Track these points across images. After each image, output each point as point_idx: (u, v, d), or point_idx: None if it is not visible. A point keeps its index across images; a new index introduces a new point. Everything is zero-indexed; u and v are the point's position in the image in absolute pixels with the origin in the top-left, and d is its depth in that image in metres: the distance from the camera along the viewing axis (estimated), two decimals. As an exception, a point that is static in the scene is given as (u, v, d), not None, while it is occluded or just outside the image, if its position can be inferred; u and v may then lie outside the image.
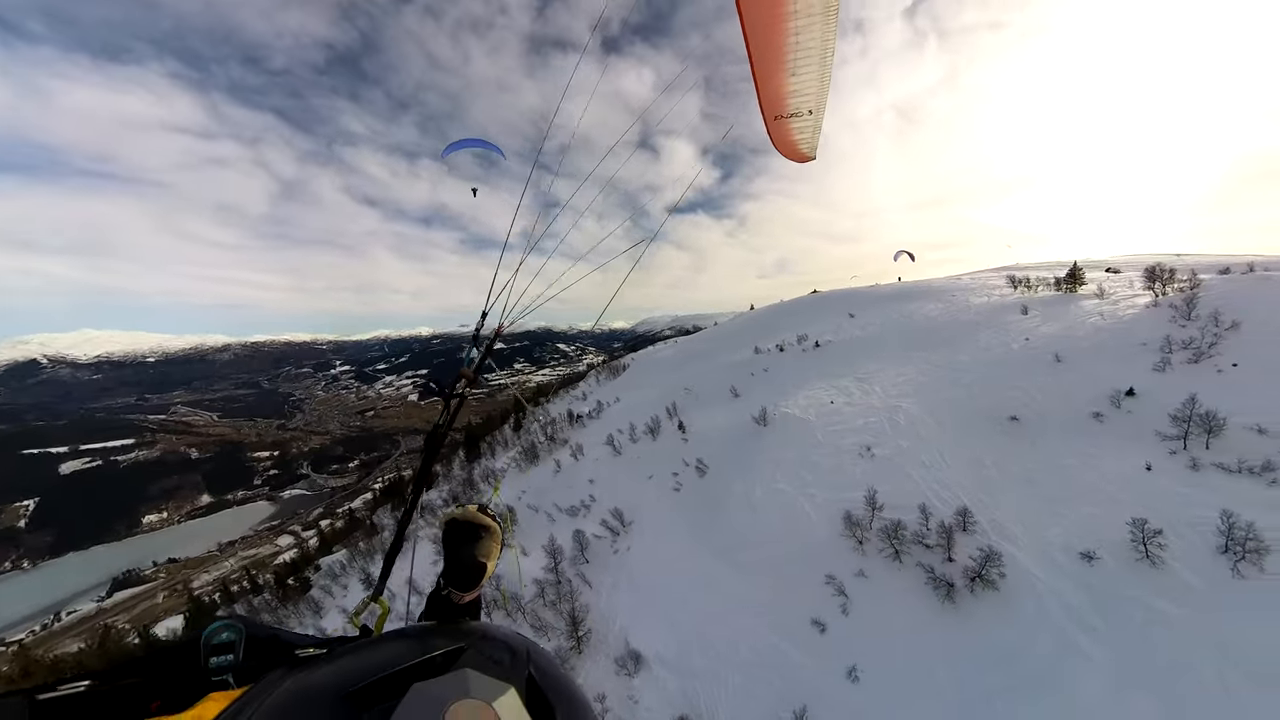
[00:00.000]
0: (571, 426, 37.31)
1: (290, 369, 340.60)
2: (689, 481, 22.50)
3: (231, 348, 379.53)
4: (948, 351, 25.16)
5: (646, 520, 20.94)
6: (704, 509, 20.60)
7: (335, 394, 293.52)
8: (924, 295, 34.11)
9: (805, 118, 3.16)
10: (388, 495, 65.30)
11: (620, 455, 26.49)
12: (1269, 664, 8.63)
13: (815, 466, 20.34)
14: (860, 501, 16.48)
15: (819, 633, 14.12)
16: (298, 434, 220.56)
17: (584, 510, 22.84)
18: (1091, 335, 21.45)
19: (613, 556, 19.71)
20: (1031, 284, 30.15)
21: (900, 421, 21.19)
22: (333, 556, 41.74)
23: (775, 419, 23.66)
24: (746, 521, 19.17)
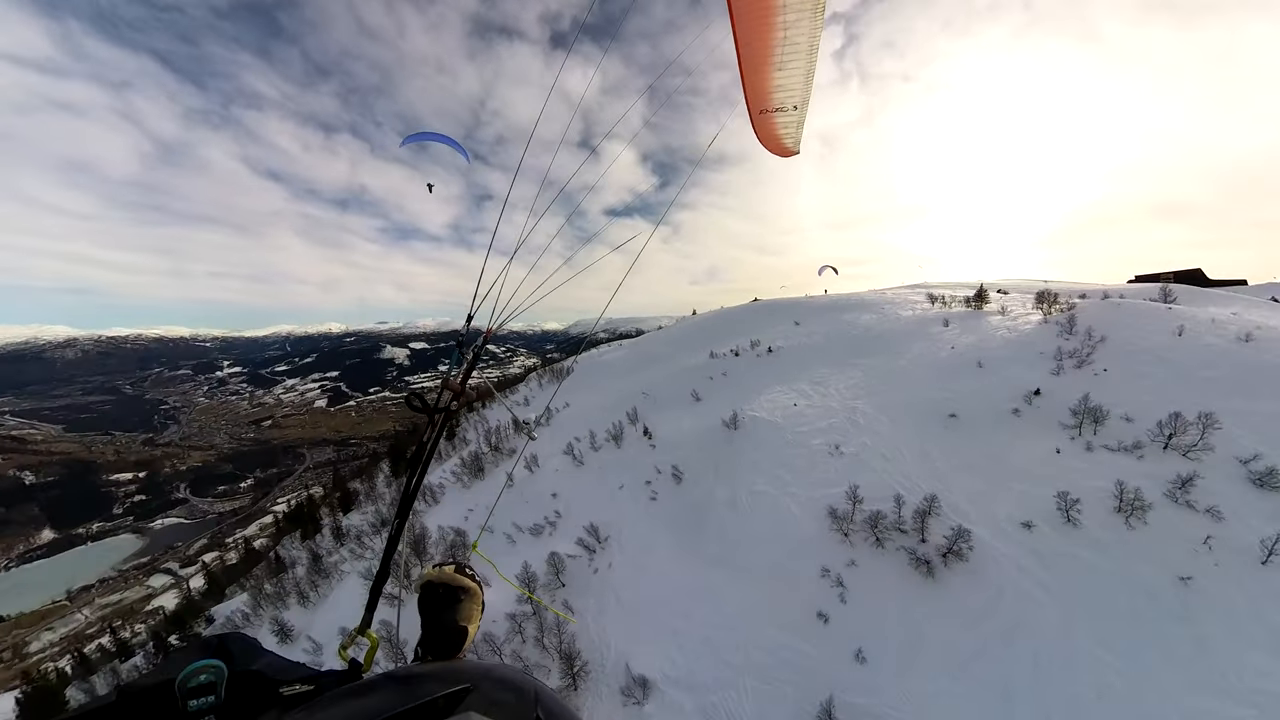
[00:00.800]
0: (518, 435, 34.73)
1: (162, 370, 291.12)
2: (665, 490, 21.58)
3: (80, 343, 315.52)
4: (887, 358, 27.63)
5: (625, 534, 19.71)
6: (687, 517, 19.88)
7: (222, 401, 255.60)
8: (858, 307, 36.77)
9: (790, 113, 3.16)
10: (294, 521, 56.29)
11: (583, 465, 24.86)
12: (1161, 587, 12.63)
13: (791, 466, 20.69)
14: (840, 496, 17.66)
15: (823, 623, 14.76)
16: (172, 450, 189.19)
17: (550, 528, 21.02)
18: (1002, 346, 24.96)
19: (593, 577, 18.33)
20: (947, 301, 33.96)
21: (859, 421, 22.61)
22: (229, 604, 34.94)
23: (745, 422, 23.54)
24: (734, 525, 18.83)
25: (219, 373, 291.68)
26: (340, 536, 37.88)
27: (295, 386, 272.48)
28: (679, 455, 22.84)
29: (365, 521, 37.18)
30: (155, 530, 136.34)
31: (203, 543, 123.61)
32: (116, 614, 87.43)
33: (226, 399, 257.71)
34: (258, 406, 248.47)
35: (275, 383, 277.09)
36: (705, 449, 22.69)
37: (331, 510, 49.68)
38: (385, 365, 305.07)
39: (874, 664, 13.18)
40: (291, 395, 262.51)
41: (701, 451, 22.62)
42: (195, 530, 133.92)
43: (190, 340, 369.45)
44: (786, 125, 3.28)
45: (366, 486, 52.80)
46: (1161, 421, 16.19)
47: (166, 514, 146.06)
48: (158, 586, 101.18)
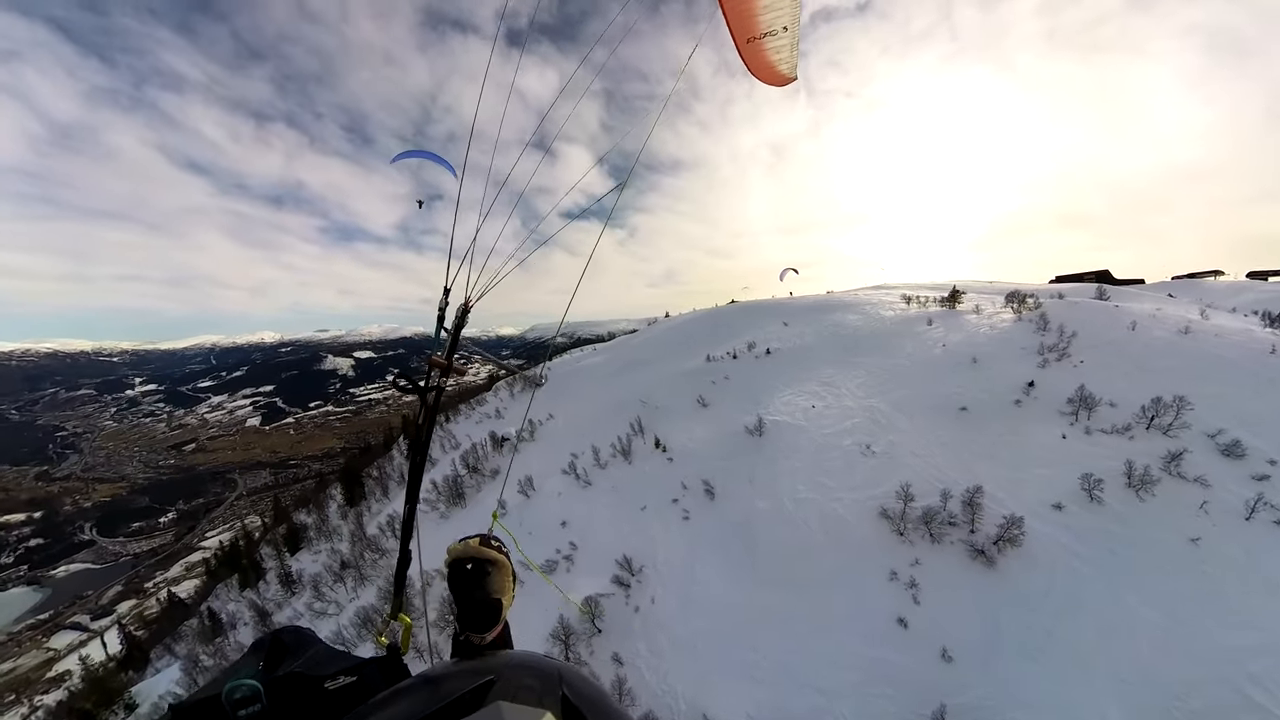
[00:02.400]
0: (499, 452, 31.53)
1: (57, 391, 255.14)
2: (698, 507, 19.69)
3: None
4: (882, 356, 27.71)
5: (661, 562, 17.74)
6: (729, 535, 18.26)
7: (134, 423, 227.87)
8: (841, 308, 36.94)
9: (781, 35, 2.93)
10: (229, 565, 48.02)
11: (590, 486, 22.37)
12: (1178, 549, 14.31)
13: (829, 470, 19.70)
14: (886, 496, 17.40)
15: (903, 628, 14.44)
16: (72, 484, 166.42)
17: (567, 563, 18.42)
18: (988, 342, 25.93)
19: (635, 617, 16.29)
20: (924, 301, 34.81)
21: (879, 420, 22.60)
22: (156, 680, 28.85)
23: (770, 428, 22.26)
24: (784, 538, 17.39)
25: (130, 391, 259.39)
26: (290, 584, 32.94)
27: (223, 404, 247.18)
28: (703, 467, 21.07)
29: (321, 564, 32.42)
30: (57, 579, 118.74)
31: (117, 589, 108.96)
32: (9, 685, 75.43)
33: (139, 421, 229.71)
34: (178, 429, 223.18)
35: (199, 400, 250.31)
36: (732, 459, 21.09)
37: (276, 550, 43.68)
38: (327, 377, 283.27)
39: (961, 660, 13.16)
40: (219, 414, 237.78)
41: (729, 461, 21.00)
42: (107, 576, 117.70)
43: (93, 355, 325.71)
44: (779, 49, 3.05)
45: (316, 519, 46.80)
46: (1145, 405, 17.82)
47: (70, 560, 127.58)
48: (61, 647, 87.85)
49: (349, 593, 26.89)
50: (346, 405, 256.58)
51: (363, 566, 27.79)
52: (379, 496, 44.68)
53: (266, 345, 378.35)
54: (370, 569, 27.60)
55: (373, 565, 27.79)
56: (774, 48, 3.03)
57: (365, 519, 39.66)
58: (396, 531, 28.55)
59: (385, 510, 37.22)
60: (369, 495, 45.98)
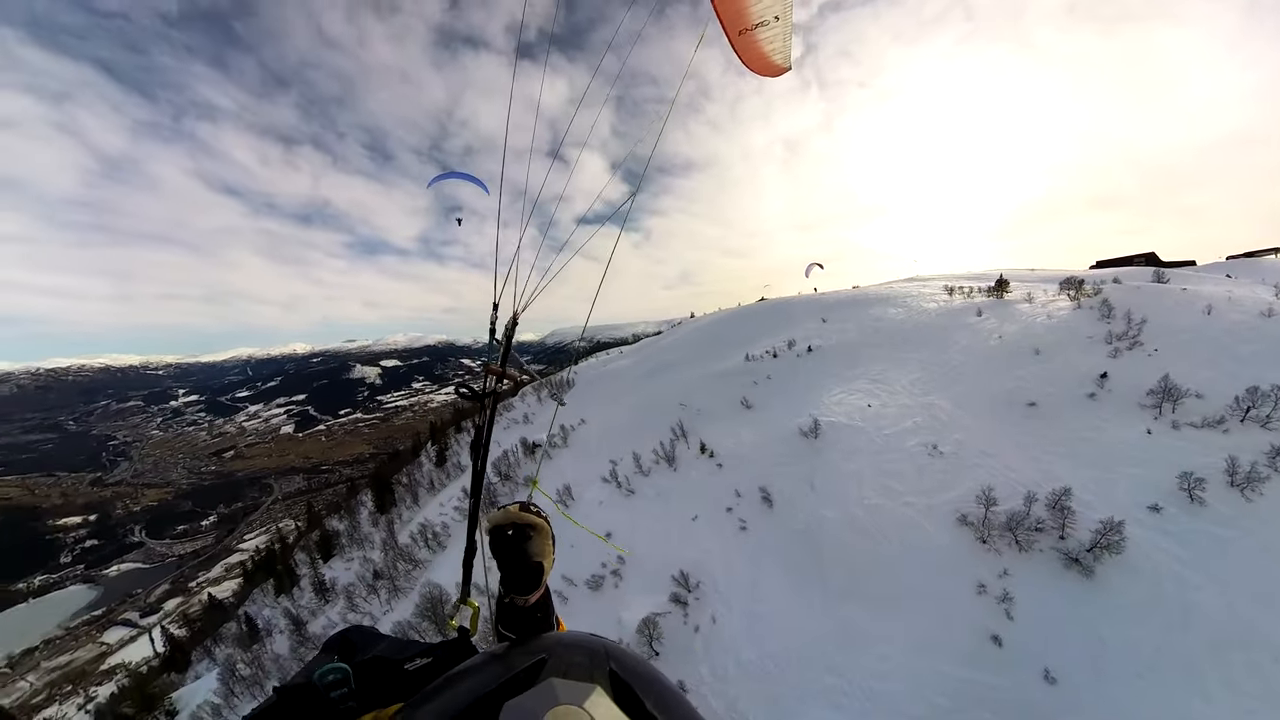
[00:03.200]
0: (531, 459, 30.59)
1: (110, 403, 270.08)
2: (756, 516, 18.19)
3: (14, 377, 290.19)
4: (933, 350, 26.11)
5: (720, 577, 16.33)
6: (794, 546, 16.65)
7: (179, 432, 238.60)
8: (880, 301, 35.21)
9: (773, 25, 2.92)
10: (265, 570, 48.43)
11: (634, 495, 21.01)
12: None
13: (897, 474, 18.00)
14: (964, 500, 15.98)
15: (998, 646, 13.04)
16: (123, 489, 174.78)
17: (614, 579, 17.02)
18: (1048, 332, 24.02)
19: (695, 638, 14.70)
20: (969, 291, 32.72)
21: (941, 418, 20.51)
22: (194, 687, 28.90)
23: (825, 429, 20.80)
24: (857, 549, 15.78)
25: (174, 402, 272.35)
26: (324, 591, 32.67)
27: (259, 413, 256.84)
28: (757, 473, 19.70)
29: (354, 573, 32.00)
30: (110, 578, 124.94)
31: (164, 588, 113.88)
32: (67, 677, 79.58)
33: (183, 430, 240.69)
34: (218, 436, 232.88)
35: (237, 410, 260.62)
36: (787, 463, 19.55)
37: (310, 556, 43.81)
38: (356, 385, 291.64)
39: (1066, 681, 11.87)
40: (255, 422, 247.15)
41: (784, 466, 19.43)
42: (155, 575, 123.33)
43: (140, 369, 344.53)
44: (771, 40, 3.01)
45: (348, 525, 46.58)
46: (1239, 396, 16.20)
47: (122, 559, 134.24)
48: (113, 642, 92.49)
49: (383, 605, 26.14)
50: (374, 412, 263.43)
51: (396, 578, 26.96)
52: (409, 504, 44.39)
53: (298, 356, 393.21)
54: (404, 580, 26.75)
55: (406, 576, 26.91)
56: (766, 38, 2.99)
57: (396, 527, 39.25)
58: (428, 541, 27.86)
59: (416, 518, 36.72)
60: (399, 503, 45.77)
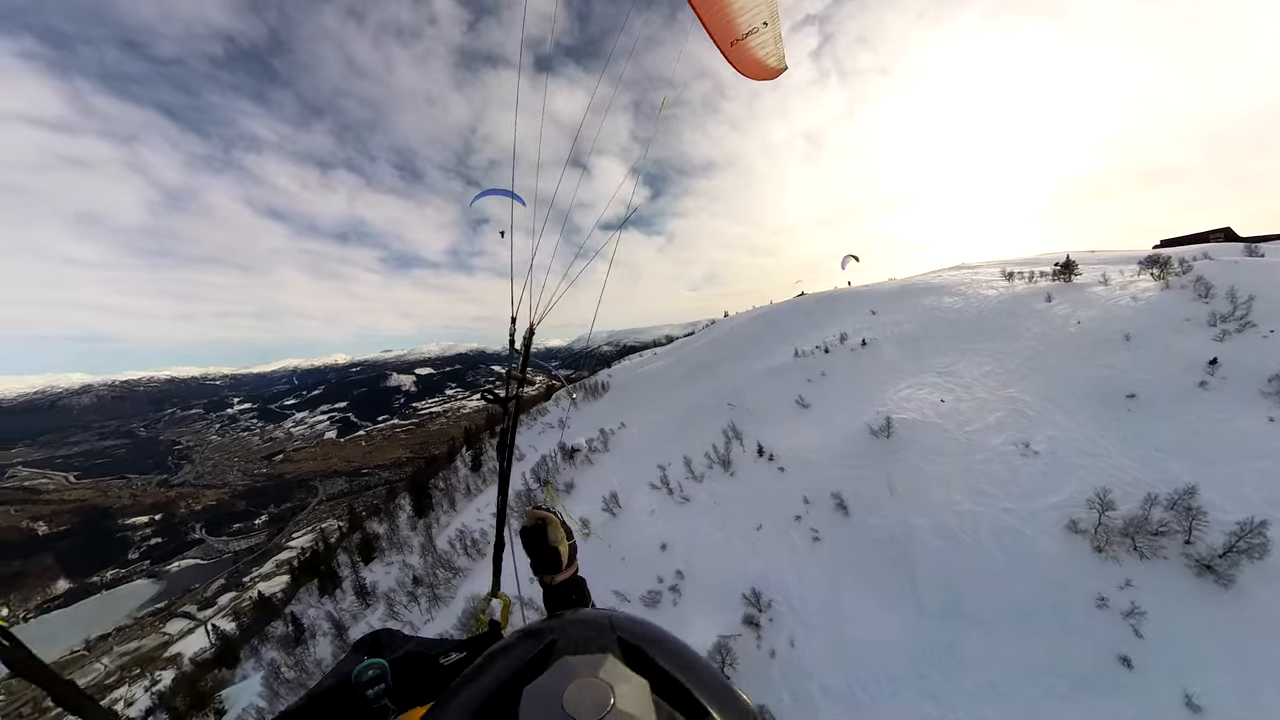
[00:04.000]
0: (570, 464, 29.46)
1: (174, 411, 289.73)
2: (829, 525, 16.33)
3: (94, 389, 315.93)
4: (1003, 340, 23.88)
5: (795, 595, 14.56)
6: (878, 558, 14.71)
7: (234, 437, 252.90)
8: (932, 290, 32.92)
9: (763, 31, 2.89)
10: (310, 570, 49.17)
11: (689, 502, 19.38)
12: None
13: (989, 475, 15.85)
14: (1074, 504, 14.12)
15: (1127, 668, 11.24)
16: (186, 490, 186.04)
17: (673, 595, 15.32)
18: (1136, 316, 21.75)
19: (771, 663, 12.88)
20: (1029, 275, 30.39)
21: (1028, 412, 18.12)
22: (244, 684, 29.03)
23: (898, 427, 18.62)
24: (953, 561, 13.85)
25: (230, 410, 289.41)
26: (364, 595, 32.47)
27: (305, 419, 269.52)
28: (826, 477, 17.96)
29: (393, 578, 31.55)
30: (172, 573, 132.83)
31: (220, 583, 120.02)
32: (135, 662, 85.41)
33: (238, 435, 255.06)
34: (269, 441, 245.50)
35: (285, 417, 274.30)
36: (860, 465, 17.69)
37: (350, 559, 44.28)
38: (392, 393, 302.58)
39: (1213, 709, 10.04)
40: (301, 428, 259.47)
41: (856, 469, 17.58)
42: (212, 570, 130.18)
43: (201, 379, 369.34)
44: (763, 45, 2.96)
45: (388, 528, 46.98)
46: None
47: (183, 556, 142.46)
48: (174, 632, 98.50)
49: (423, 614, 25.21)
50: (410, 418, 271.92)
51: (436, 585, 26.03)
52: (446, 509, 44.21)
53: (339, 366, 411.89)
54: (444, 589, 25.81)
55: (446, 585, 25.97)
56: (758, 44, 2.95)
57: (434, 531, 38.99)
58: (467, 549, 27.03)
59: (454, 524, 36.33)
60: (436, 507, 45.67)
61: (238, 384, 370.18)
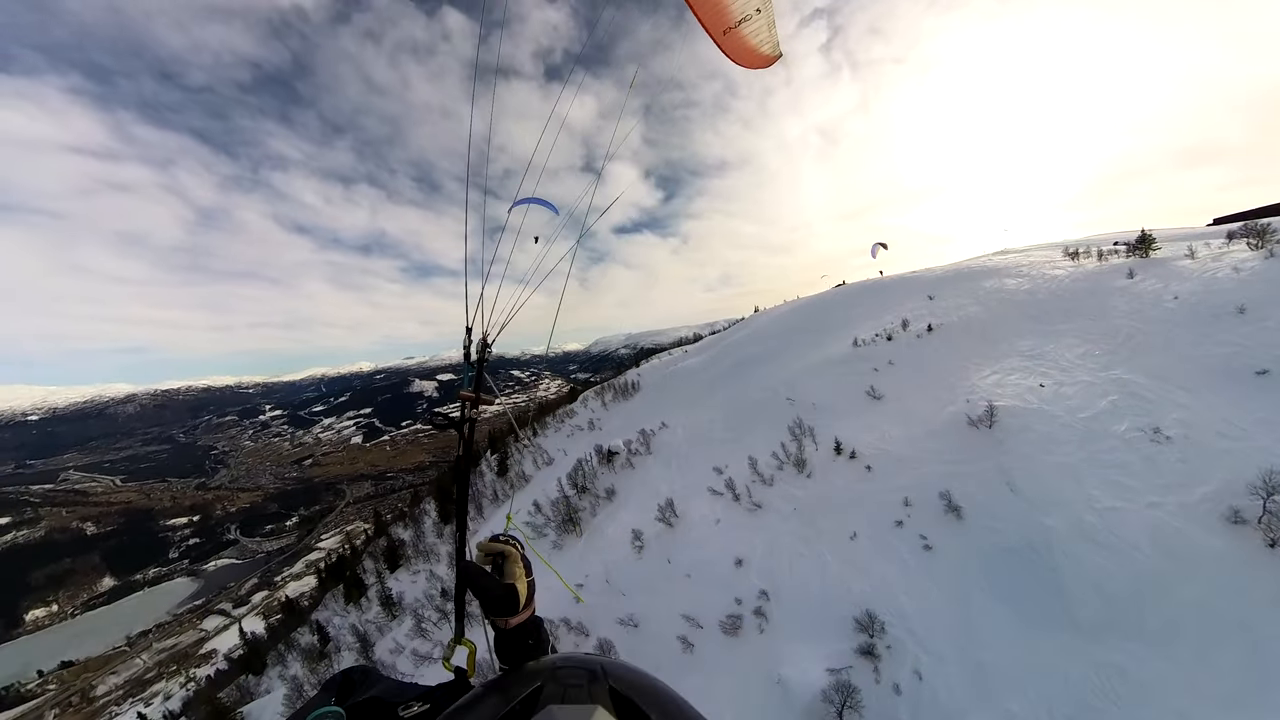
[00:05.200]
0: (610, 469, 27.33)
1: (211, 418, 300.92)
2: (941, 531, 13.92)
3: (137, 398, 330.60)
4: (1089, 319, 22.05)
5: (913, 615, 12.15)
6: (1012, 568, 12.42)
7: (266, 443, 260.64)
8: (991, 274, 30.57)
9: (755, 18, 2.87)
10: (336, 576, 48.30)
11: (760, 510, 16.94)
12: None
13: (1120, 466, 13.76)
14: (1230, 493, 12.26)
15: None
16: (222, 493, 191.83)
17: (759, 620, 12.72)
18: (1240, 288, 20.16)
19: (896, 701, 10.52)
20: (1100, 253, 28.73)
21: (1148, 395, 16.10)
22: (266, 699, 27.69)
23: (1001, 416, 16.34)
24: (1103, 567, 11.60)
25: (262, 416, 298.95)
26: (390, 606, 31.01)
27: (332, 425, 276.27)
28: (923, 475, 15.61)
29: (420, 589, 29.98)
30: (209, 572, 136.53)
31: (253, 582, 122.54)
32: (172, 658, 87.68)
33: (270, 441, 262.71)
34: (299, 446, 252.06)
35: (314, 423, 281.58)
36: (962, 460, 15.35)
37: (376, 566, 43.26)
38: (415, 398, 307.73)
39: None
40: (329, 434, 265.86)
41: (959, 465, 15.24)
42: (246, 570, 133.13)
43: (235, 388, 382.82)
44: (757, 33, 2.96)
45: (413, 535, 45.54)
46: None
47: (219, 555, 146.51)
48: (210, 629, 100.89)
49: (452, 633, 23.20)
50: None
51: (468, 602, 24.24)
52: (472, 515, 42.78)
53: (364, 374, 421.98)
54: (474, 604, 23.94)
55: (475, 601, 24.07)
56: (751, 32, 2.92)
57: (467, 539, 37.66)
58: None
59: (481, 531, 34.75)
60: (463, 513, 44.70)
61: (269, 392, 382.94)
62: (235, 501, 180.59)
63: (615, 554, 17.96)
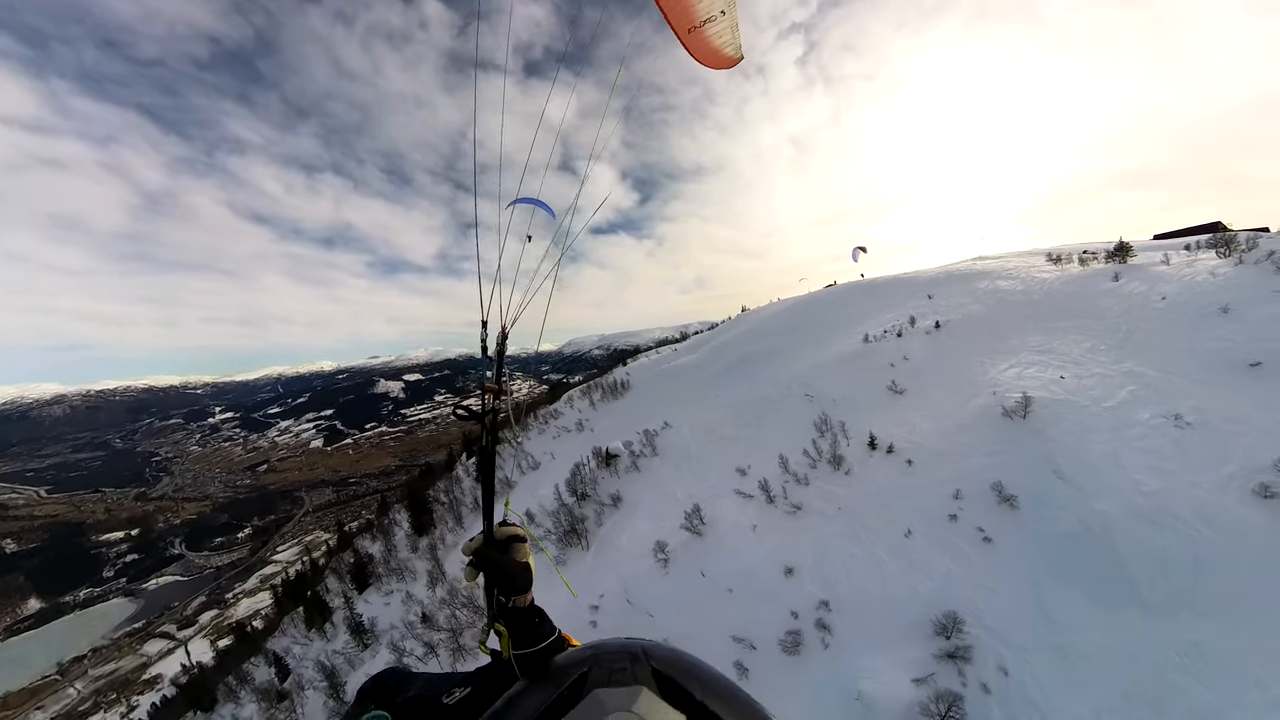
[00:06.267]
0: (611, 472, 25.86)
1: (152, 421, 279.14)
2: (998, 522, 13.52)
3: (68, 399, 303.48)
4: (1086, 317, 23.14)
5: (983, 609, 11.56)
6: (1075, 554, 12.26)
7: (215, 448, 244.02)
8: (978, 276, 31.83)
9: (720, 20, 2.97)
10: (295, 597, 43.09)
11: (800, 512, 15.78)
12: None
13: (1154, 450, 14.34)
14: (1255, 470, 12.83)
15: None
16: (165, 504, 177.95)
17: (820, 632, 11.76)
18: (1220, 290, 21.56)
19: (987, 701, 9.94)
20: (1082, 258, 30.33)
21: (1160, 386, 17.04)
22: None
23: (1036, 407, 16.52)
24: (1165, 548, 11.79)
25: (211, 419, 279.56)
26: (361, 634, 27.80)
27: (290, 428, 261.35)
28: (968, 466, 15.49)
29: (395, 615, 26.92)
30: (150, 591, 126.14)
31: (200, 600, 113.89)
32: (111, 686, 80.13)
33: (220, 446, 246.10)
34: (252, 451, 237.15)
35: (269, 425, 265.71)
36: (1003, 450, 15.44)
37: (342, 585, 38.82)
38: (380, 400, 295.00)
39: None
40: (286, 437, 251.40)
41: (1001, 455, 15.29)
42: (193, 588, 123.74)
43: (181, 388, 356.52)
44: (720, 34, 3.05)
45: (383, 549, 41.23)
46: None
47: (161, 573, 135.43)
48: (153, 653, 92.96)
49: (440, 669, 20.19)
50: (399, 425, 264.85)
51: (459, 631, 21.25)
52: (451, 526, 39.83)
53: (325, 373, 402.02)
54: (469, 635, 20.85)
55: (471, 629, 21.10)
56: (715, 33, 3.03)
57: (440, 553, 34.71)
58: None
59: (463, 541, 32.35)
60: (439, 524, 40.78)
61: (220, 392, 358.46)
62: (180, 513, 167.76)
63: (634, 568, 16.65)
